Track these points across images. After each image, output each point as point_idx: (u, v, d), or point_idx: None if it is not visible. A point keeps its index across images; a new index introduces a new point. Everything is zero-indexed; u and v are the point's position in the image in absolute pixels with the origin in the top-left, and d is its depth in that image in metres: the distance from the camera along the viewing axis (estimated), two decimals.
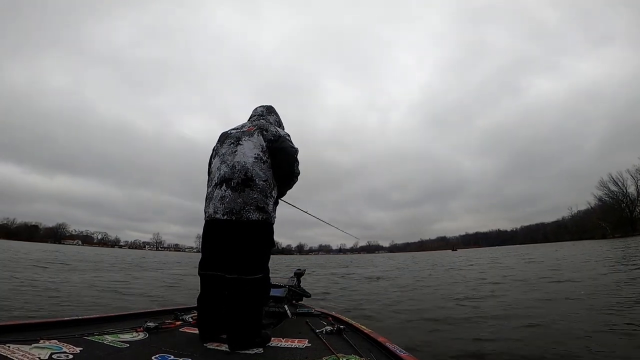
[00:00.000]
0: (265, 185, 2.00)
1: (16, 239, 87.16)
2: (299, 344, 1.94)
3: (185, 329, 2.21)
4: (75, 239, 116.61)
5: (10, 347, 1.44)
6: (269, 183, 2.03)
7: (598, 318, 3.99)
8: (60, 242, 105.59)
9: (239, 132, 2.15)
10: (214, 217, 1.97)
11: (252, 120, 2.33)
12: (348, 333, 2.19)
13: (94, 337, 1.80)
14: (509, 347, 3.15)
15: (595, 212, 62.31)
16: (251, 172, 1.98)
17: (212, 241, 2.02)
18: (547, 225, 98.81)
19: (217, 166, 2.09)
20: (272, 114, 2.47)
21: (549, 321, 3.98)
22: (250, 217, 1.92)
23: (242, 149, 2.04)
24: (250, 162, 2.00)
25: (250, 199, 1.94)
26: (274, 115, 2.47)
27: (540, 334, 3.54)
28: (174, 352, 1.64)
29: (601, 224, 58.42)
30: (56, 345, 1.57)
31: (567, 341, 3.20)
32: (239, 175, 1.97)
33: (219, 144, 2.21)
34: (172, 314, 2.56)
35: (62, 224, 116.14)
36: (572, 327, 3.65)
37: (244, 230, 1.93)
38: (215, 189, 2.01)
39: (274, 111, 2.50)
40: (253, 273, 1.93)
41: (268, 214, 2.00)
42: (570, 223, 79.41)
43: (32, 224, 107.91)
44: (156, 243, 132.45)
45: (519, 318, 4.29)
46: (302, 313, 2.93)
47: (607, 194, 59.42)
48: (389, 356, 1.72)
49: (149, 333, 1.99)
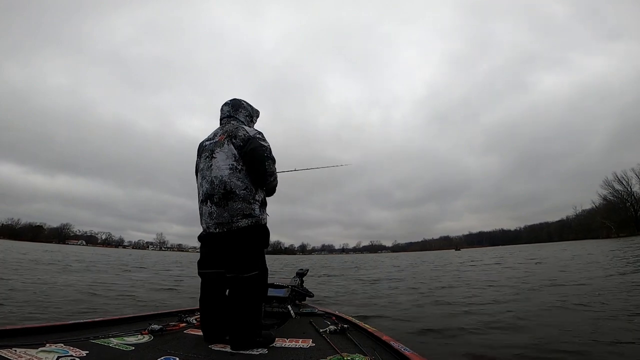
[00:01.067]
0: (246, 192, 2.03)
1: (21, 239, 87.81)
2: (303, 343, 1.95)
3: (189, 330, 2.23)
4: (79, 239, 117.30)
5: (17, 351, 1.45)
6: (250, 189, 2.05)
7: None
8: (65, 243, 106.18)
9: (212, 144, 2.15)
10: (208, 232, 2.08)
11: (223, 125, 2.28)
12: (352, 332, 2.21)
13: (100, 340, 1.81)
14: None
15: (600, 212, 61.83)
16: (229, 184, 2.01)
17: (209, 246, 2.12)
18: (551, 224, 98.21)
19: (200, 182, 2.15)
20: (240, 108, 2.35)
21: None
22: (240, 225, 2.00)
23: (216, 162, 2.06)
24: (226, 175, 2.02)
25: (235, 210, 2.00)
26: (242, 110, 2.35)
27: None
28: (179, 354, 1.65)
29: (606, 224, 57.98)
30: (62, 348, 1.58)
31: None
32: (219, 190, 2.01)
33: (198, 159, 2.23)
34: (177, 316, 2.58)
35: (66, 225, 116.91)
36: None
37: (236, 237, 2.01)
38: (203, 205, 2.10)
39: (241, 104, 2.37)
40: (249, 271, 1.99)
41: (257, 217, 2.06)
42: (574, 222, 78.84)
43: (36, 225, 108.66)
44: (159, 243, 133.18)
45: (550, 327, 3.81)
46: (305, 313, 2.95)
47: (611, 192, 59.15)
48: (393, 355, 1.73)
49: (153, 335, 2.01)
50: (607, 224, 57.70)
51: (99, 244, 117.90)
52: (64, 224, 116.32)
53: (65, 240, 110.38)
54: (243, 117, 2.33)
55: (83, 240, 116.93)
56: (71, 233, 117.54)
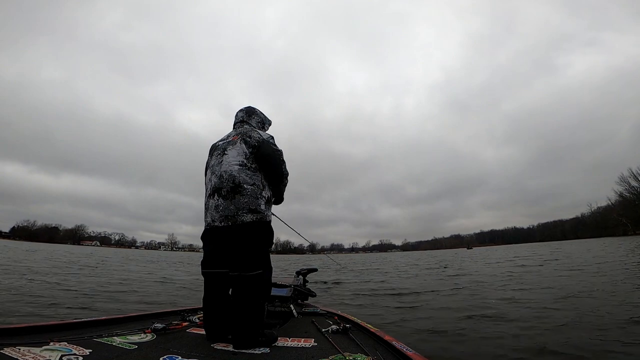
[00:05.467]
0: (254, 188, 2.08)
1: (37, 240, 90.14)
2: (305, 343, 1.94)
3: (192, 329, 2.24)
4: (94, 240, 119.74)
5: (21, 350, 1.47)
6: (257, 186, 2.11)
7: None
8: (79, 244, 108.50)
9: (225, 143, 2.26)
10: (213, 225, 2.10)
11: (236, 128, 2.41)
12: (354, 332, 2.20)
13: (103, 339, 1.83)
14: None
15: (616, 209, 60.38)
16: (238, 179, 2.07)
17: (213, 243, 2.12)
18: (566, 222, 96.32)
19: (209, 177, 2.22)
20: (253, 115, 2.49)
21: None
22: (244, 219, 2.03)
23: (227, 158, 2.15)
24: (236, 170, 2.10)
25: (242, 204, 2.04)
26: (255, 116, 2.49)
27: None
28: (182, 353, 1.66)
29: (622, 221, 56.56)
30: (66, 347, 1.60)
31: None
32: (227, 184, 2.08)
33: (209, 158, 2.32)
34: (179, 315, 2.60)
35: (80, 226, 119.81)
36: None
37: (240, 232, 2.03)
38: (210, 199, 2.14)
39: (254, 112, 2.52)
40: (252, 269, 2.00)
41: (262, 214, 2.08)
42: (589, 220, 77.15)
43: (52, 226, 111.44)
44: (171, 244, 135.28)
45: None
46: (308, 312, 2.95)
47: (627, 189, 57.61)
48: (395, 355, 1.71)
49: (156, 334, 2.02)
50: (624, 221, 56.27)
51: (113, 244, 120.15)
52: (78, 225, 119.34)
53: (80, 242, 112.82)
54: (255, 123, 2.46)
55: (97, 241, 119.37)
56: (85, 234, 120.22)
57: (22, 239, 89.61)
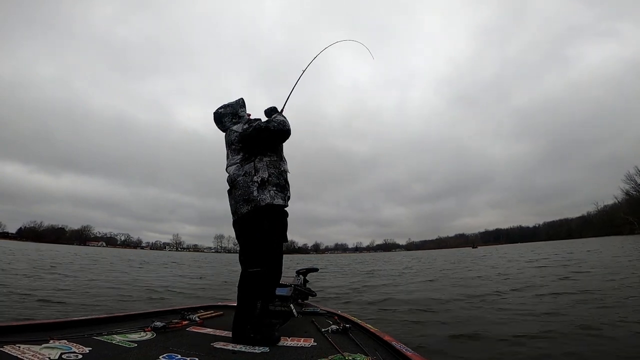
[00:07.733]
0: (245, 178, 2.18)
1: (44, 241, 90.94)
2: (305, 343, 1.95)
3: (192, 328, 2.25)
4: (100, 240, 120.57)
5: (21, 348, 1.49)
6: (249, 173, 2.19)
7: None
8: (85, 244, 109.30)
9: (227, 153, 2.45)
10: (233, 220, 2.27)
11: (225, 137, 2.49)
12: (354, 332, 2.20)
13: (103, 337, 1.84)
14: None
15: (622, 207, 59.71)
16: (232, 176, 2.26)
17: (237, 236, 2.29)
18: (572, 220, 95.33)
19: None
20: (223, 118, 2.49)
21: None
22: (242, 211, 2.15)
23: (229, 169, 2.34)
24: (232, 172, 2.29)
25: (238, 197, 2.18)
26: (225, 118, 2.49)
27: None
28: (182, 352, 1.66)
29: (629, 219, 55.92)
30: (66, 345, 1.61)
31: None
32: (230, 183, 2.28)
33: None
34: (179, 313, 2.61)
35: (86, 227, 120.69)
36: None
37: (241, 225, 2.18)
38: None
39: (222, 115, 2.50)
40: (252, 266, 2.06)
41: (255, 200, 2.12)
42: (595, 218, 76.35)
43: (58, 227, 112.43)
44: (176, 244, 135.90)
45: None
46: (308, 312, 2.95)
47: (634, 187, 56.99)
48: (395, 355, 1.71)
49: (156, 333, 2.03)
50: (631, 220, 55.64)
51: (118, 245, 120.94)
52: (84, 226, 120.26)
53: (86, 242, 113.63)
54: (230, 123, 2.47)
55: (103, 242, 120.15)
56: (91, 235, 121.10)
57: (29, 240, 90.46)
